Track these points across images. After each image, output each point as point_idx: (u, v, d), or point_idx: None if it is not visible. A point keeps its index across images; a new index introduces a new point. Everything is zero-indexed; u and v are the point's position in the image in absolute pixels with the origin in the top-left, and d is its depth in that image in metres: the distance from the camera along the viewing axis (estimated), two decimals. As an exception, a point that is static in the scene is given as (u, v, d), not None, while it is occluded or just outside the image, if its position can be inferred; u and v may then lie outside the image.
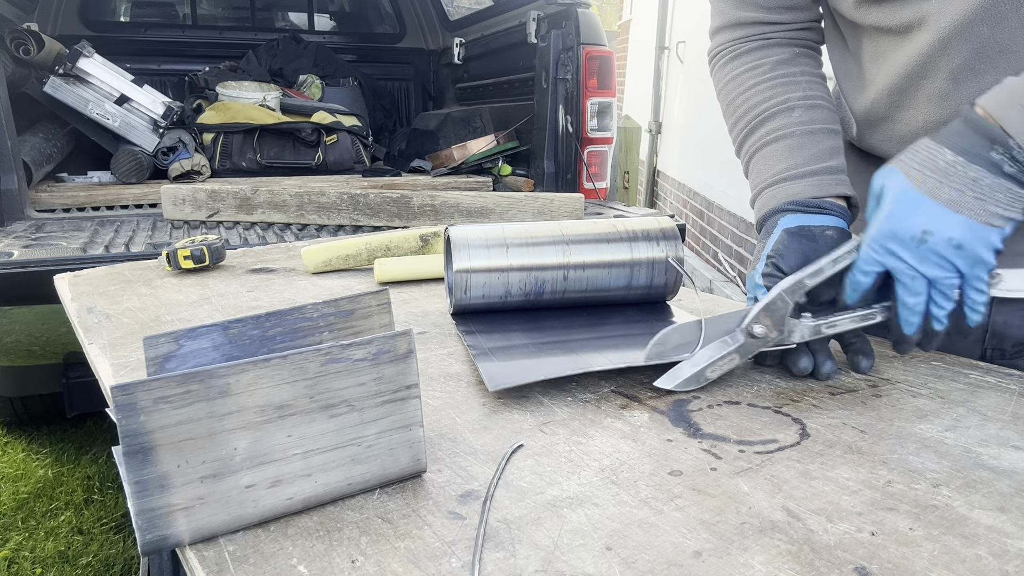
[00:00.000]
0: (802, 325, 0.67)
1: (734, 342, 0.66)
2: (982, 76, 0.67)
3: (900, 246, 0.61)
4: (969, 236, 0.59)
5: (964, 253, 0.59)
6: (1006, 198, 0.58)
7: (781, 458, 0.54)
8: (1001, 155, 0.58)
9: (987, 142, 0.58)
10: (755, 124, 0.81)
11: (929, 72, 0.70)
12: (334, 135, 3.01)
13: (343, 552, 0.43)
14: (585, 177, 2.66)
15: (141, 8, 3.99)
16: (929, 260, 0.60)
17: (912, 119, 0.74)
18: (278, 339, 0.57)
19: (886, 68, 0.74)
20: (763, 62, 0.83)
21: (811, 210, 0.72)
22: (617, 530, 0.45)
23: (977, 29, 0.65)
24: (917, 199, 0.60)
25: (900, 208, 0.61)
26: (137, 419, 0.41)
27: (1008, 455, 0.54)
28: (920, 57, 0.70)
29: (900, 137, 0.76)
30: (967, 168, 0.59)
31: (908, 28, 0.70)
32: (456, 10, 3.98)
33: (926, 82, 0.71)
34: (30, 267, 1.71)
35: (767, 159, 0.78)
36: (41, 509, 2.13)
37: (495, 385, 0.64)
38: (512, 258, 0.80)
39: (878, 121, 0.79)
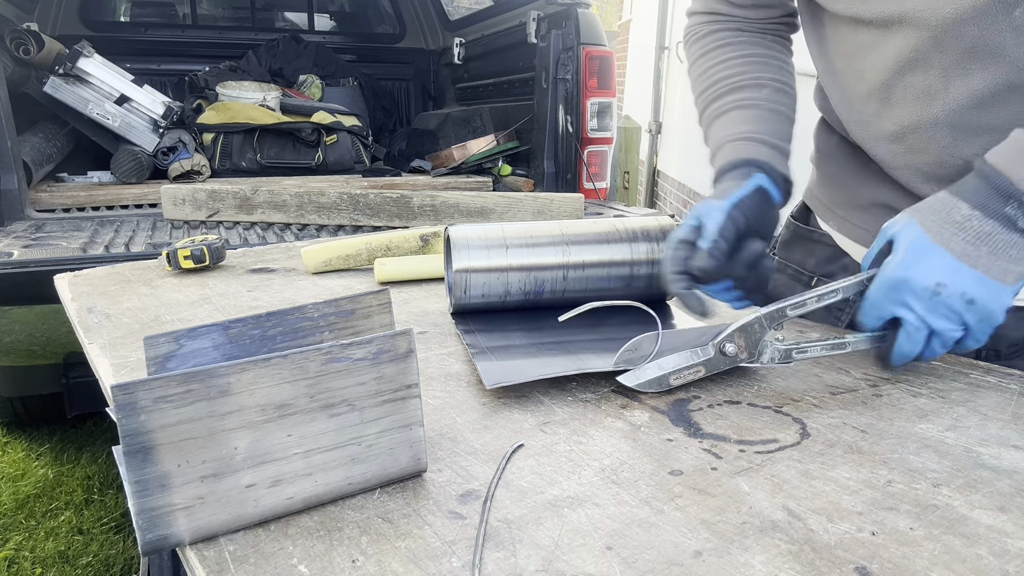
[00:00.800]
0: (772, 348, 0.67)
1: (704, 355, 0.66)
2: (972, 75, 0.67)
3: (913, 297, 0.61)
4: (982, 292, 0.59)
5: (976, 308, 0.60)
6: (1019, 252, 0.59)
7: (781, 458, 0.54)
8: (1016, 210, 0.58)
9: (1002, 198, 0.59)
10: (727, 90, 0.82)
11: (920, 68, 0.70)
12: (334, 135, 3.01)
13: (343, 552, 0.43)
14: (585, 177, 2.66)
15: (141, 8, 3.99)
16: (939, 312, 0.61)
17: (899, 117, 0.74)
18: (278, 339, 0.57)
19: (873, 63, 0.74)
20: (738, 40, 0.85)
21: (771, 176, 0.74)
22: (617, 530, 0.45)
23: (967, 28, 0.65)
24: (932, 249, 0.60)
25: (914, 258, 0.61)
26: (137, 418, 0.41)
27: (1008, 455, 0.54)
28: (912, 52, 0.70)
29: (887, 136, 0.76)
30: (982, 222, 0.59)
31: (888, 23, 0.70)
32: (456, 10, 3.98)
33: (915, 78, 0.71)
34: (30, 267, 1.71)
35: (738, 120, 0.80)
36: (41, 509, 2.13)
37: (492, 383, 0.64)
38: (512, 258, 0.80)
39: (868, 119, 0.78)
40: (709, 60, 0.85)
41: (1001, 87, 0.65)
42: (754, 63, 0.82)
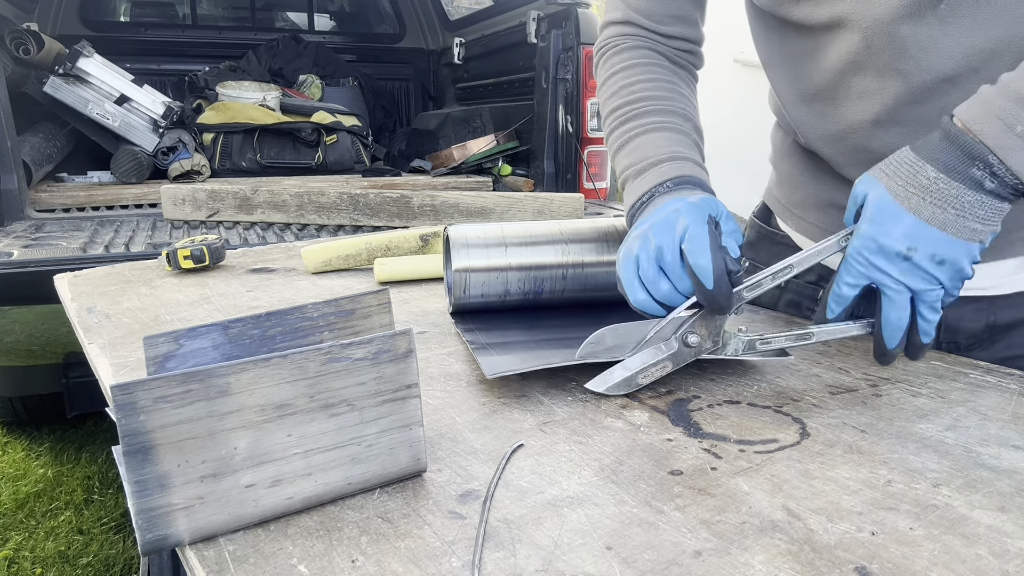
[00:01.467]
0: (737, 339, 0.67)
1: (668, 349, 0.65)
2: (907, 74, 0.67)
3: (885, 260, 0.61)
4: (952, 252, 0.59)
5: (946, 267, 0.60)
6: (986, 213, 0.59)
7: (781, 458, 0.54)
8: (982, 171, 0.58)
9: (968, 158, 0.58)
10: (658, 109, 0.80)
11: (858, 69, 0.71)
12: (334, 135, 3.01)
13: (343, 552, 0.43)
14: (585, 177, 2.66)
15: (141, 8, 3.99)
16: (914, 274, 0.60)
17: (843, 117, 0.75)
18: (278, 339, 0.57)
19: (820, 65, 0.75)
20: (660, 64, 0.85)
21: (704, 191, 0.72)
22: (617, 530, 0.45)
23: (898, 27, 0.66)
24: (900, 215, 0.60)
25: (884, 223, 0.61)
26: (137, 418, 0.41)
27: (1008, 455, 0.54)
28: (848, 55, 0.70)
29: (832, 135, 0.77)
30: (949, 185, 0.59)
31: (830, 27, 0.71)
32: (456, 10, 3.98)
33: (855, 79, 0.71)
34: (30, 267, 1.71)
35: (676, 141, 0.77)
36: (41, 509, 2.13)
37: (492, 372, 0.64)
38: (511, 257, 0.80)
39: (815, 120, 0.79)
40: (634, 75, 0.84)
41: (935, 80, 0.66)
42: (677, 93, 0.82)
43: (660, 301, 0.65)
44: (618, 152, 0.81)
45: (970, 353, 0.79)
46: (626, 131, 0.80)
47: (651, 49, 0.86)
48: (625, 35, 0.87)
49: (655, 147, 0.76)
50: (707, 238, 0.63)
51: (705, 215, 0.65)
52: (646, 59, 0.85)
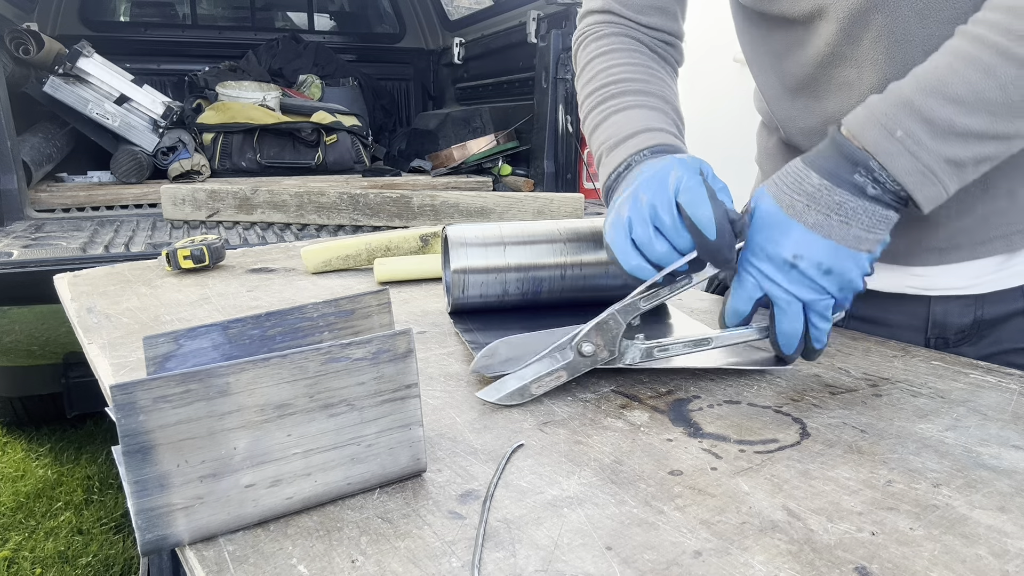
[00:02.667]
0: (634, 347, 0.66)
1: (563, 359, 0.64)
2: (882, 65, 0.68)
3: (774, 269, 0.61)
4: (837, 261, 0.59)
5: (833, 277, 0.60)
6: (871, 221, 0.59)
7: (781, 458, 0.54)
8: (864, 177, 0.58)
9: (851, 164, 0.58)
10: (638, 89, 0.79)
11: (837, 61, 0.71)
12: (334, 135, 3.01)
13: (343, 552, 0.43)
14: (585, 177, 2.66)
15: (141, 8, 3.99)
16: (802, 283, 0.60)
17: (824, 109, 0.75)
18: (278, 339, 0.57)
19: (801, 58, 0.75)
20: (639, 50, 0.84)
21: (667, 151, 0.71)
22: (617, 530, 0.45)
23: (873, 17, 0.66)
24: (786, 223, 0.60)
25: (769, 232, 0.61)
26: (137, 418, 0.41)
27: (1008, 455, 0.54)
28: (827, 47, 0.71)
29: (813, 129, 0.77)
30: (832, 192, 0.59)
31: (811, 18, 0.71)
32: (456, 10, 3.98)
33: (835, 71, 0.72)
34: (30, 267, 1.71)
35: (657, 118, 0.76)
36: (41, 509, 2.13)
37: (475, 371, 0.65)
38: (509, 257, 0.80)
39: (797, 114, 0.80)
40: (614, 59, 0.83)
41: None
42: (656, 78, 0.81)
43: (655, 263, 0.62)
44: (593, 132, 0.79)
45: (958, 349, 0.79)
46: (602, 111, 0.79)
47: (630, 37, 0.85)
48: (604, 23, 0.87)
49: (631, 122, 0.75)
50: (703, 188, 0.60)
51: (697, 168, 0.62)
52: (625, 45, 0.84)
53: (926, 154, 0.57)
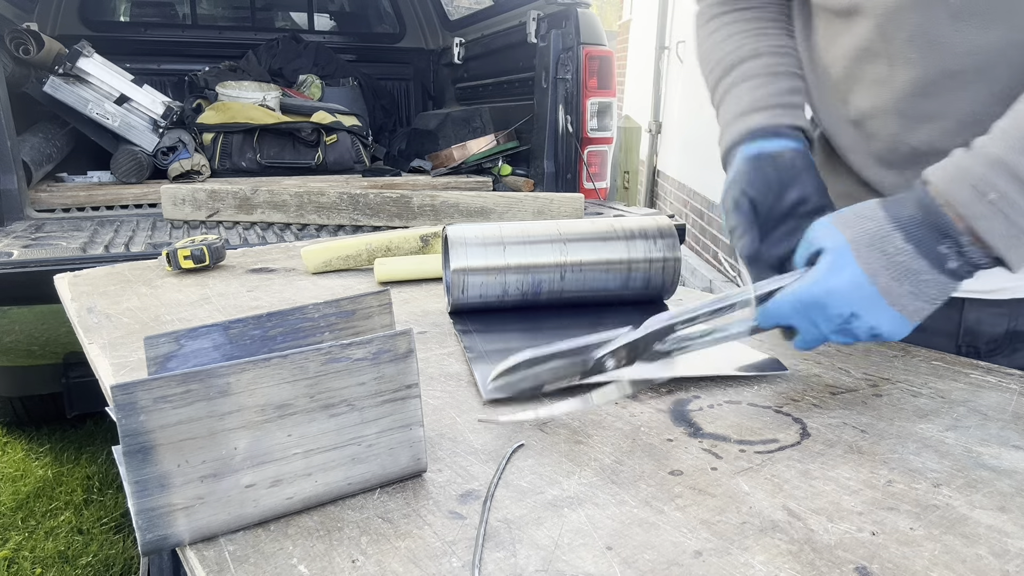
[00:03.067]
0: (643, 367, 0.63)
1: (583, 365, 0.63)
2: (915, 65, 0.68)
3: (824, 319, 0.60)
4: (890, 328, 0.59)
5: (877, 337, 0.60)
6: (936, 294, 0.58)
7: (781, 458, 0.54)
8: (949, 249, 0.57)
9: (939, 234, 0.57)
10: (725, 70, 0.82)
11: (871, 57, 0.71)
12: (334, 135, 3.01)
13: (343, 552, 0.43)
14: (585, 177, 2.66)
15: (141, 8, 3.99)
16: (843, 334, 0.60)
17: (856, 105, 0.75)
18: (279, 339, 0.57)
19: (837, 53, 0.76)
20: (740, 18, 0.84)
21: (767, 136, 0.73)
22: (617, 530, 0.45)
23: (908, 16, 0.66)
24: (856, 278, 0.58)
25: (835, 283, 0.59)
26: (137, 418, 0.41)
27: (1009, 455, 0.54)
28: (863, 41, 0.71)
29: (847, 122, 0.78)
30: (912, 259, 0.57)
31: (850, 12, 0.71)
32: (456, 10, 3.98)
33: (869, 67, 0.72)
34: (30, 267, 1.71)
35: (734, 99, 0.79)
36: (41, 509, 2.13)
37: (489, 396, 0.64)
38: (509, 257, 0.80)
39: (831, 106, 0.80)
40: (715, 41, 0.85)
41: (941, 75, 0.66)
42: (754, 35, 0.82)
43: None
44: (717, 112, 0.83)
45: (990, 359, 0.77)
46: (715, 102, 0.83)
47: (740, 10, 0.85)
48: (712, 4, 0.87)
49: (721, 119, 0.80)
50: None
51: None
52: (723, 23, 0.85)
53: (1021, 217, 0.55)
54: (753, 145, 0.73)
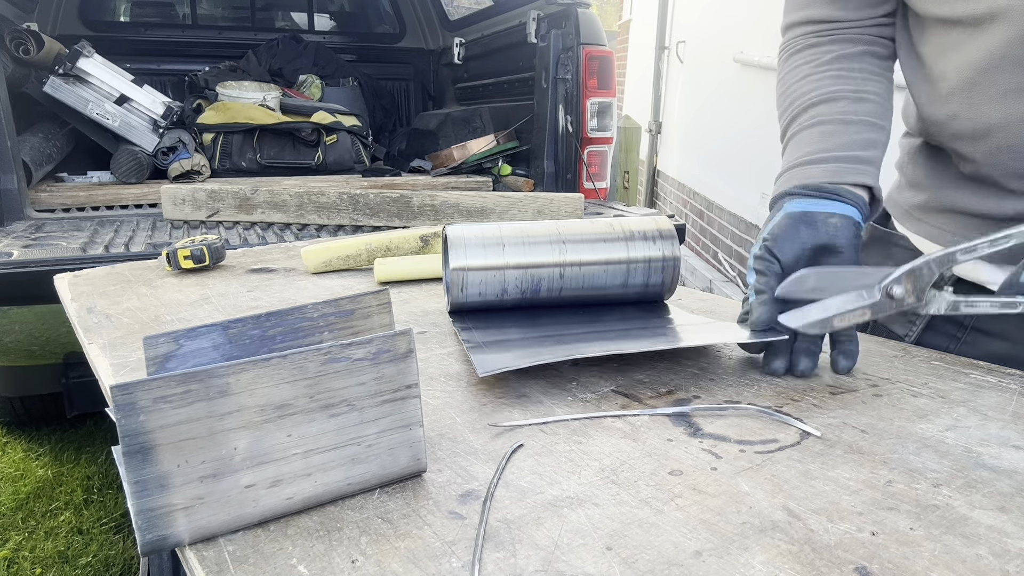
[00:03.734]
0: (940, 297, 0.64)
1: (870, 297, 0.63)
2: None
3: None
4: None
5: None
6: None
7: (781, 458, 0.54)
8: None
9: None
10: (798, 111, 0.80)
11: (1008, 65, 0.68)
12: (334, 135, 3.01)
13: (343, 552, 0.43)
14: (585, 177, 2.66)
15: (141, 8, 3.99)
16: None
17: (985, 115, 0.72)
18: (278, 339, 0.57)
19: (957, 62, 0.72)
20: (824, 55, 0.82)
21: (819, 195, 0.71)
22: (617, 530, 0.45)
23: None
24: None
25: None
26: (137, 419, 0.41)
27: (1009, 455, 0.54)
28: (996, 50, 0.68)
29: (971, 134, 0.74)
30: None
31: (980, 20, 0.68)
32: (456, 10, 3.98)
33: (1003, 76, 0.68)
34: (30, 267, 1.71)
35: (797, 144, 0.77)
36: (41, 509, 2.13)
37: (485, 371, 0.65)
38: (508, 256, 0.81)
39: (947, 118, 0.76)
40: (792, 77, 0.83)
41: None
42: (834, 77, 0.79)
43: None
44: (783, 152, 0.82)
45: None
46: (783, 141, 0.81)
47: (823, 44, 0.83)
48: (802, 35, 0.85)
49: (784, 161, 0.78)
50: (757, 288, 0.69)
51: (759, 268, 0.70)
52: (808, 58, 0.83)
53: None
54: (800, 202, 0.71)
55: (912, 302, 0.64)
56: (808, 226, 0.69)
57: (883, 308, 0.64)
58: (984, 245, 0.63)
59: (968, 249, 0.63)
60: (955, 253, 0.63)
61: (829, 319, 0.63)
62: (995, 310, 0.64)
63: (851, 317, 0.64)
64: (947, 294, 0.64)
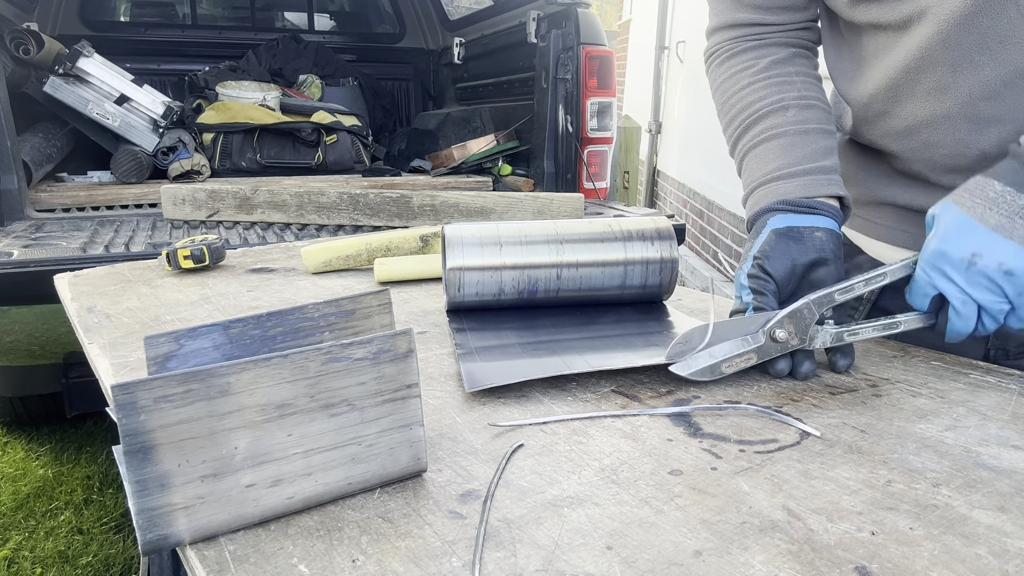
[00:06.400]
0: (824, 331, 0.68)
1: (754, 342, 0.66)
2: (981, 68, 0.67)
3: (951, 268, 0.62)
4: (1020, 263, 0.59)
5: (1015, 280, 0.60)
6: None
7: (781, 458, 0.54)
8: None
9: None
10: (749, 123, 0.81)
11: (928, 66, 0.70)
12: (334, 135, 3.01)
13: (344, 551, 0.43)
14: (585, 177, 2.66)
15: (141, 8, 3.99)
16: (979, 284, 0.61)
17: (911, 113, 0.74)
18: (279, 339, 0.57)
19: (884, 63, 0.74)
20: (758, 62, 0.83)
21: (801, 210, 0.72)
22: (617, 529, 0.45)
23: (978, 20, 0.65)
24: (967, 224, 0.61)
25: (951, 232, 0.62)
26: (137, 418, 0.41)
27: (1008, 455, 0.54)
28: (919, 51, 0.70)
29: (899, 131, 0.77)
30: (1015, 197, 0.60)
31: (907, 23, 0.70)
32: (456, 10, 3.98)
33: (925, 75, 0.71)
34: (30, 267, 1.71)
35: (760, 158, 0.78)
36: (41, 509, 2.13)
37: (473, 386, 0.64)
38: (505, 256, 0.81)
39: (876, 117, 0.79)
40: (732, 86, 0.84)
41: (1011, 74, 0.66)
42: (776, 84, 0.81)
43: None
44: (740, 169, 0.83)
45: (1019, 361, 0.78)
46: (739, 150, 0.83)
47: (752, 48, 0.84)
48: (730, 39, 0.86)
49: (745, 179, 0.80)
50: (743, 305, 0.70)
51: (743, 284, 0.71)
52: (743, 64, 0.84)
53: None
54: (783, 218, 0.72)
55: (796, 343, 0.67)
56: (796, 241, 0.71)
57: (768, 351, 0.67)
58: (860, 284, 0.67)
59: (845, 289, 0.67)
60: (832, 293, 0.67)
61: (717, 365, 0.66)
62: (878, 334, 0.68)
63: (738, 362, 0.67)
64: (830, 327, 0.68)
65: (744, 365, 0.67)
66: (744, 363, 0.67)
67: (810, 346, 0.67)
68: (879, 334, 0.68)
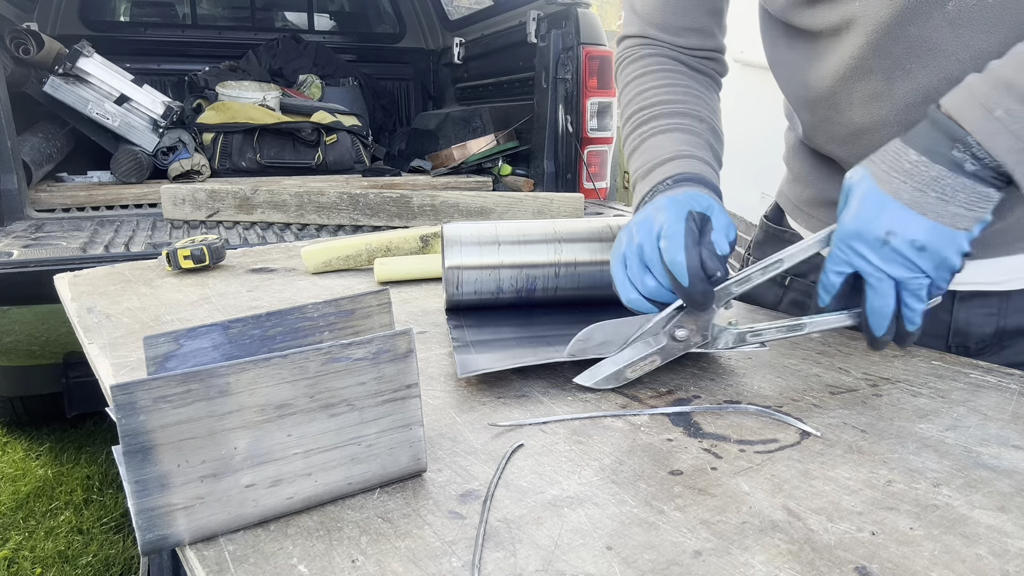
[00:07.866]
0: (727, 332, 0.67)
1: (656, 344, 0.66)
2: (915, 75, 0.67)
3: (865, 246, 0.60)
4: (932, 238, 0.58)
5: (928, 255, 0.59)
6: (968, 198, 0.58)
7: (781, 458, 0.54)
8: (962, 153, 0.57)
9: (948, 140, 0.58)
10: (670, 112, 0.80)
11: (862, 74, 0.70)
12: (334, 135, 3.01)
13: (343, 551, 0.43)
14: (585, 177, 2.66)
15: (141, 8, 3.99)
16: (894, 261, 0.60)
17: (850, 120, 0.74)
18: (278, 339, 0.57)
19: (820, 72, 0.74)
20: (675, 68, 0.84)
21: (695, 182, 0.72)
22: (617, 529, 0.45)
23: (905, 29, 0.66)
24: (881, 199, 0.60)
25: (864, 209, 0.61)
26: (137, 418, 0.41)
27: (1008, 455, 0.54)
28: (852, 60, 0.70)
29: (842, 138, 0.77)
30: (929, 168, 0.58)
31: (838, 30, 0.70)
32: (456, 10, 3.98)
33: (860, 84, 0.71)
34: (30, 267, 1.71)
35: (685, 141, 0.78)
36: (41, 509, 2.13)
37: (465, 372, 0.65)
38: (504, 255, 0.81)
39: (820, 123, 0.79)
40: (649, 81, 0.84)
41: (943, 82, 0.66)
42: (693, 96, 0.82)
43: (650, 298, 0.66)
44: (630, 157, 0.82)
45: (980, 357, 0.78)
46: (638, 135, 0.81)
47: (667, 56, 0.86)
48: (641, 45, 0.87)
49: (662, 147, 0.77)
50: (681, 235, 0.63)
51: (684, 211, 0.65)
52: (661, 65, 0.85)
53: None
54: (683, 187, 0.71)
55: (699, 340, 0.66)
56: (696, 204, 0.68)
57: (671, 351, 0.66)
58: (757, 273, 0.66)
59: (742, 280, 0.66)
60: (729, 286, 0.65)
61: (621, 371, 0.66)
62: (781, 335, 0.67)
63: (643, 366, 0.66)
64: (732, 328, 0.67)
65: (649, 368, 0.66)
66: (649, 366, 0.66)
67: (713, 347, 0.66)
68: (783, 335, 0.67)
